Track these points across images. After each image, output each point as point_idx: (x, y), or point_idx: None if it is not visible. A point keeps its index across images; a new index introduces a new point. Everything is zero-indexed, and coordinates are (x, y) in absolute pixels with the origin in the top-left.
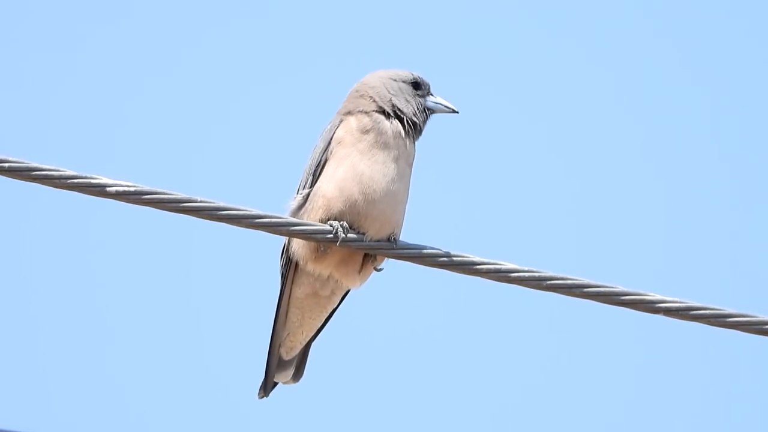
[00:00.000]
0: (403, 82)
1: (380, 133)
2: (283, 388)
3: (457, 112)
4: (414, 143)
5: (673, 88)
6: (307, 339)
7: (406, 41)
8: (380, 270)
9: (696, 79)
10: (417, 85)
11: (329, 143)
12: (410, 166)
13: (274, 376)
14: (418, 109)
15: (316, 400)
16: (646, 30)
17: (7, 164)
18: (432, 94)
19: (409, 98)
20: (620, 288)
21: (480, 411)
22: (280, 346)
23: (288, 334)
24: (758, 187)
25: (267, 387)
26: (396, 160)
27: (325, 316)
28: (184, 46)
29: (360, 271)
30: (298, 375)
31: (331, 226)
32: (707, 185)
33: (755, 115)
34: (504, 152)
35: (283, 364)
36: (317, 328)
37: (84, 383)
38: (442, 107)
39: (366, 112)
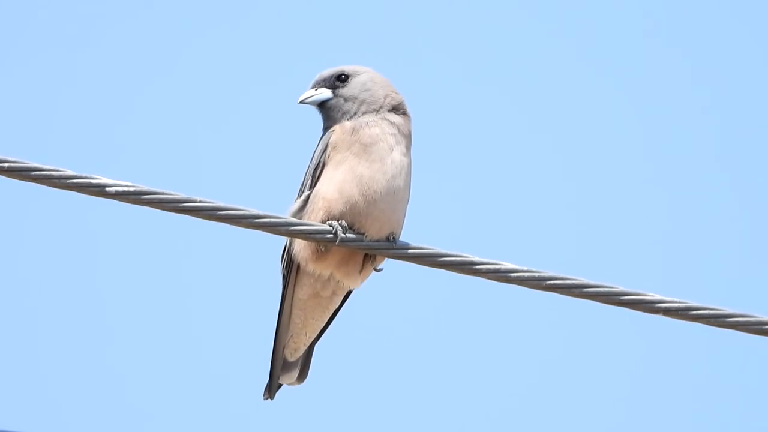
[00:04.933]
0: None
1: (366, 130)
2: (289, 390)
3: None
4: (399, 123)
5: (673, 87)
6: (311, 340)
7: (403, 37)
8: (380, 270)
9: (697, 78)
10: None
11: (326, 147)
12: (407, 153)
13: (279, 378)
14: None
15: (320, 401)
16: (645, 28)
17: (6, 164)
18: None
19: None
20: (620, 288)
21: (480, 410)
22: (284, 347)
23: (292, 335)
24: (758, 186)
25: (272, 388)
26: (391, 151)
27: (328, 317)
28: (184, 46)
29: (361, 272)
30: (302, 376)
31: (330, 225)
32: (707, 185)
33: (755, 115)
34: (504, 152)
35: (287, 365)
36: (320, 329)
37: (85, 385)
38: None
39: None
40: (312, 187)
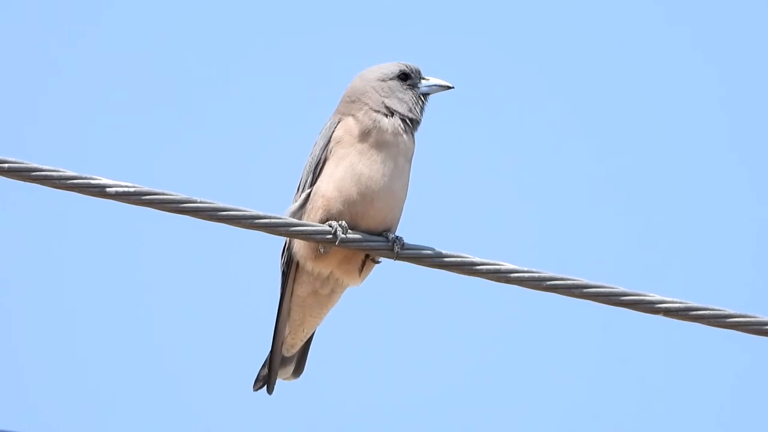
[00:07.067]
0: (391, 79)
1: (380, 132)
2: (292, 387)
3: (453, 87)
4: (413, 137)
5: (673, 87)
6: (308, 336)
7: (402, 32)
8: (379, 262)
9: (698, 78)
10: (405, 76)
11: (328, 142)
12: (409, 161)
13: (277, 374)
14: (412, 101)
15: (321, 399)
16: (656, 18)
17: (6, 165)
18: (425, 78)
19: (401, 95)
20: (620, 288)
21: (479, 410)
22: (282, 343)
23: (290, 332)
24: (758, 186)
25: (271, 383)
26: (395, 157)
27: (326, 314)
28: (185, 46)
29: (361, 270)
30: (298, 371)
31: (330, 226)
32: (707, 185)
33: (755, 114)
34: (503, 151)
35: (283, 360)
36: (317, 326)
37: (85, 384)
38: (437, 87)
39: (364, 113)
40: (312, 184)
